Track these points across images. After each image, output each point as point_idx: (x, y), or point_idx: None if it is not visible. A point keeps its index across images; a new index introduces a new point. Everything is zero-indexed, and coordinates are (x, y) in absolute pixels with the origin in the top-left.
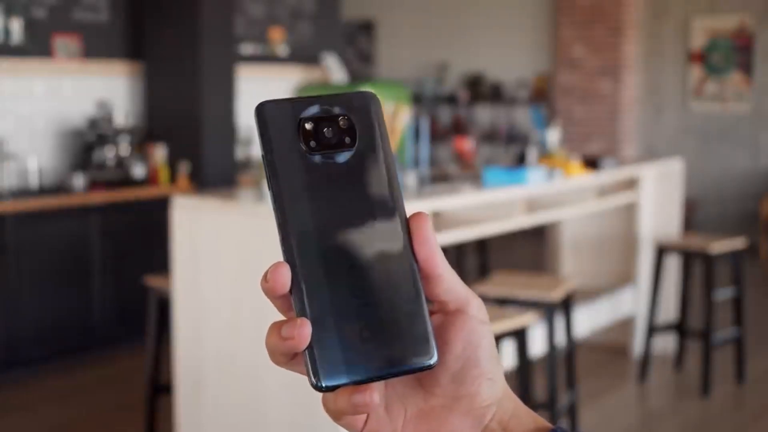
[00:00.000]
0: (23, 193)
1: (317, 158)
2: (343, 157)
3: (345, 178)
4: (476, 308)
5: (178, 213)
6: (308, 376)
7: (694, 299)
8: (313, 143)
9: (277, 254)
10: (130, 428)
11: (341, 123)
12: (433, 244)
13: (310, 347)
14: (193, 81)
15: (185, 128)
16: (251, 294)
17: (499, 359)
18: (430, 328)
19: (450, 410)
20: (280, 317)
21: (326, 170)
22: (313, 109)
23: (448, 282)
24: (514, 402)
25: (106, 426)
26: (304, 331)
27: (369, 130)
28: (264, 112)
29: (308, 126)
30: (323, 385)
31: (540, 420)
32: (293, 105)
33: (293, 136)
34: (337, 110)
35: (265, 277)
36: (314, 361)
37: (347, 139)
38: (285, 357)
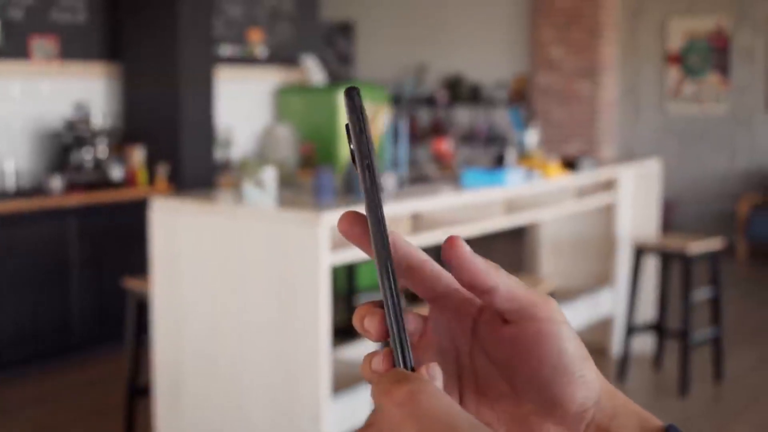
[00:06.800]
0: (0, 195)
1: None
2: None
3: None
4: (547, 310)
5: (156, 215)
6: None
7: (672, 299)
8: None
9: (254, 257)
10: (109, 431)
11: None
12: (471, 265)
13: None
14: (171, 82)
15: (164, 130)
16: (231, 295)
17: (588, 357)
18: (397, 347)
19: (544, 418)
20: (259, 320)
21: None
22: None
23: (505, 291)
24: (613, 400)
25: (85, 429)
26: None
27: (351, 127)
28: None
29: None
30: None
31: (647, 418)
32: None
33: None
34: (347, 115)
35: (362, 324)
36: None
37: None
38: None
